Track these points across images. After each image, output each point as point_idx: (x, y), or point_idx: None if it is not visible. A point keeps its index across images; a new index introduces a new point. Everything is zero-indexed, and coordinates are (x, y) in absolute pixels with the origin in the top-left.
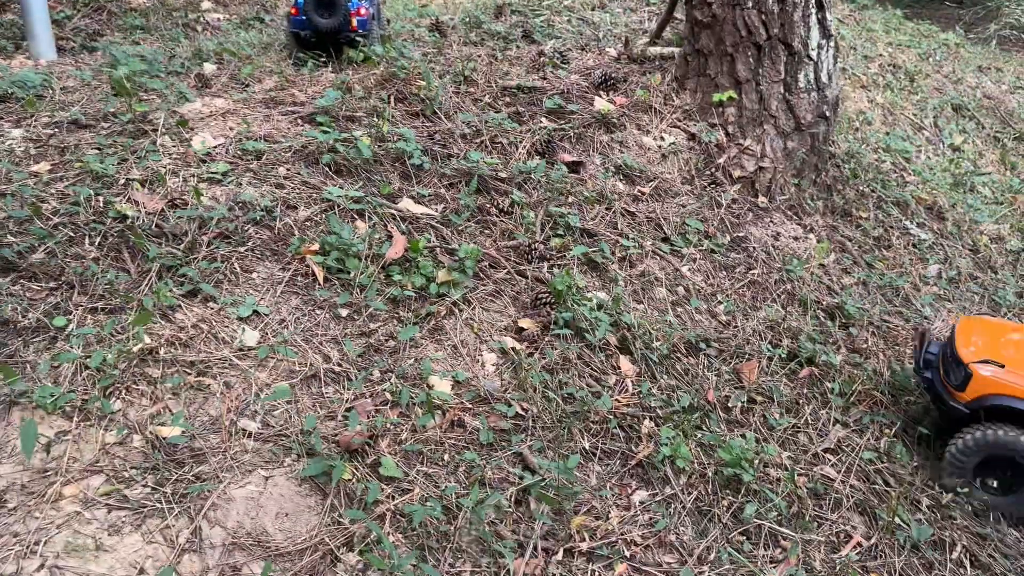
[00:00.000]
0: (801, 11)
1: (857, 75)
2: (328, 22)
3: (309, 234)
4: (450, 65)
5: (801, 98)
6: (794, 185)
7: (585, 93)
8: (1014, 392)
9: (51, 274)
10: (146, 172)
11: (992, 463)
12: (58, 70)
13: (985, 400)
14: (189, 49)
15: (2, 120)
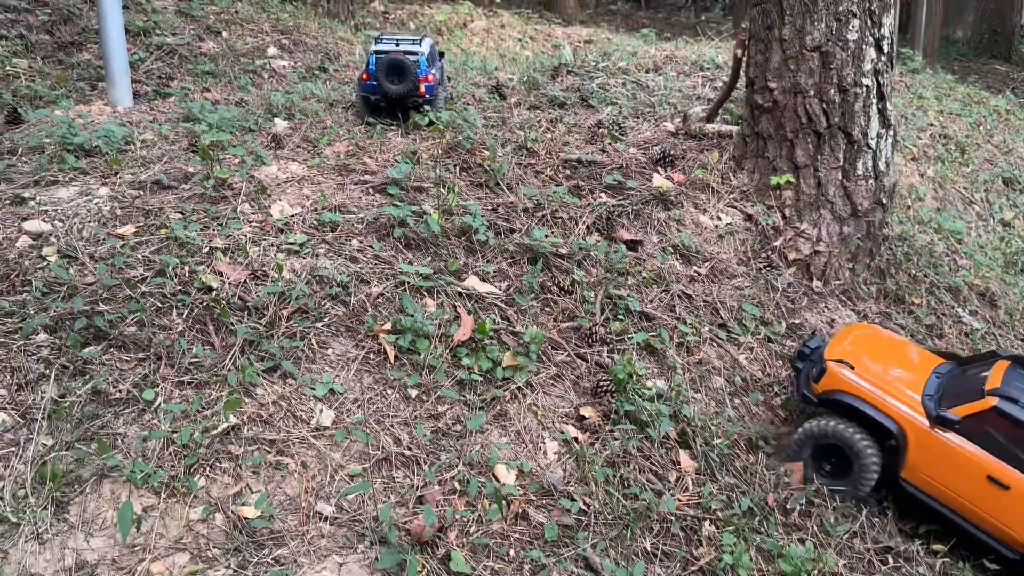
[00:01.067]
0: (862, 101)
1: (908, 147)
2: (398, 88)
3: (382, 311)
4: (511, 132)
5: (859, 185)
6: (848, 269)
7: (643, 168)
8: (853, 390)
9: (140, 345)
10: (228, 240)
11: (828, 451)
12: (136, 119)
13: (831, 394)
14: (259, 99)
15: (89, 176)
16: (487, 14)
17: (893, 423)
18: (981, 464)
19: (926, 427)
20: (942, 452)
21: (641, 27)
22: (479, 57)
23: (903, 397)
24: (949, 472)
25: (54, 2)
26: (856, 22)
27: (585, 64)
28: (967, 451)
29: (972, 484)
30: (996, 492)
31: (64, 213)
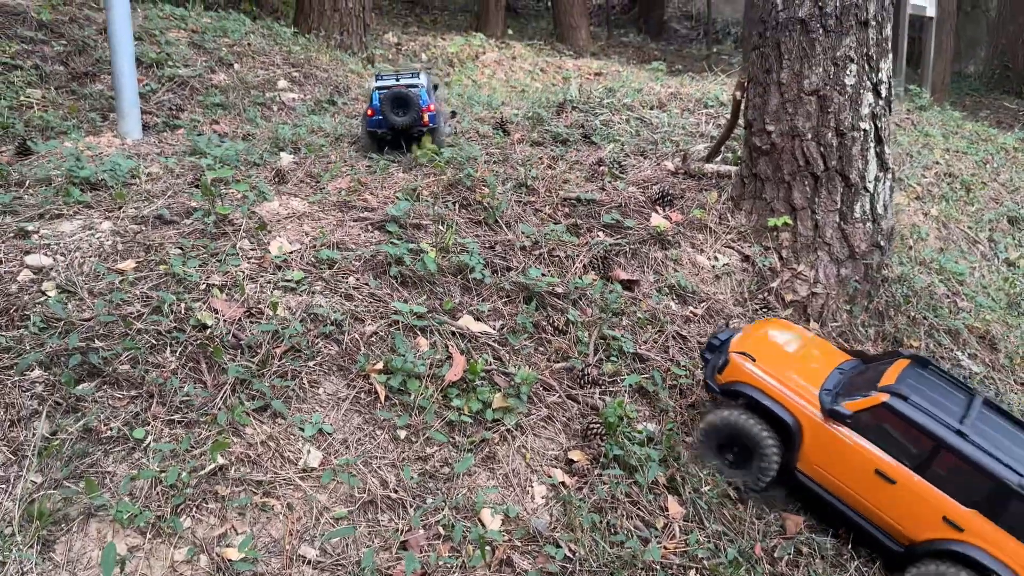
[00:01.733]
0: (860, 145)
1: (912, 185)
2: (403, 119)
3: (374, 350)
4: (513, 169)
5: (856, 228)
6: (846, 312)
7: (642, 208)
8: (753, 382)
9: (133, 382)
10: (226, 277)
11: (731, 441)
12: (144, 151)
13: (733, 385)
14: (266, 132)
15: (93, 210)
16: (499, 46)
17: (789, 415)
18: (870, 458)
19: (820, 420)
20: (834, 445)
21: (653, 59)
22: (488, 89)
23: (801, 390)
24: (840, 465)
25: (70, 33)
26: (854, 67)
27: (590, 100)
28: (858, 445)
29: (861, 477)
30: (883, 486)
31: (66, 247)
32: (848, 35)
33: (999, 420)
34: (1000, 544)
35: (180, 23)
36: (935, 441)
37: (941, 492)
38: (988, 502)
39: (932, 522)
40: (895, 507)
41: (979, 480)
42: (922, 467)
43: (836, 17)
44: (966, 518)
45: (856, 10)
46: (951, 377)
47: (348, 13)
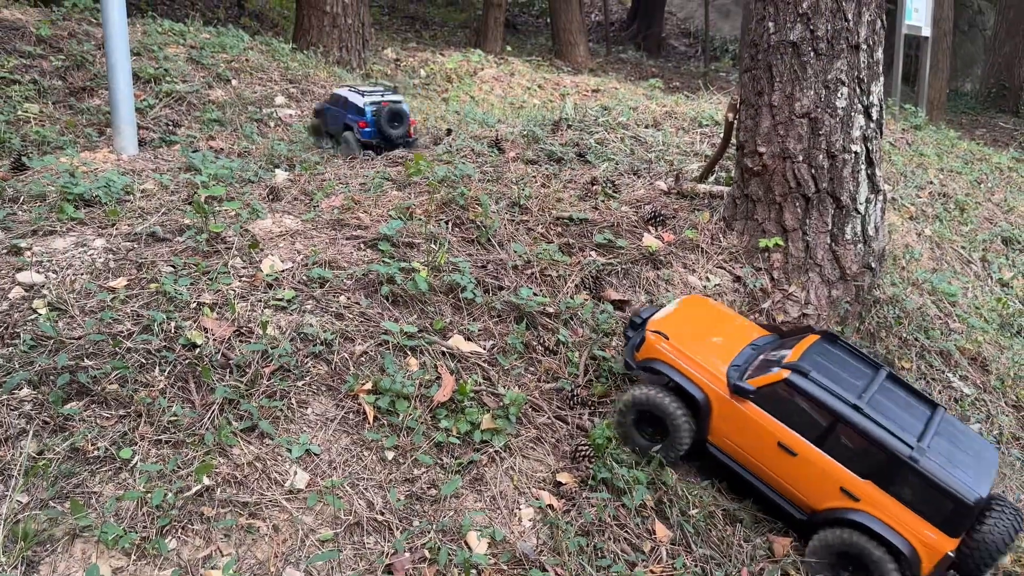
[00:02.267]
0: (851, 167)
1: (906, 205)
2: (397, 132)
3: (364, 370)
4: (506, 187)
5: (847, 249)
6: (837, 332)
7: (634, 228)
8: (666, 359)
9: (121, 401)
10: (217, 296)
11: (648, 416)
12: (139, 167)
13: (649, 362)
14: (262, 148)
15: (86, 227)
16: (498, 62)
17: (699, 391)
18: (773, 431)
19: (727, 396)
20: (740, 419)
21: (651, 76)
22: (486, 105)
23: (711, 367)
24: (746, 438)
25: (68, 48)
26: (845, 90)
27: (586, 118)
28: (761, 419)
29: (766, 450)
30: (786, 458)
31: (58, 264)
32: (839, 58)
33: (900, 393)
34: (892, 512)
35: (179, 38)
36: (833, 415)
37: (839, 464)
38: (881, 473)
39: (831, 492)
40: (797, 478)
41: (873, 452)
42: (821, 440)
43: (827, 41)
44: (862, 488)
45: (847, 34)
46: (858, 352)
47: (347, 29)
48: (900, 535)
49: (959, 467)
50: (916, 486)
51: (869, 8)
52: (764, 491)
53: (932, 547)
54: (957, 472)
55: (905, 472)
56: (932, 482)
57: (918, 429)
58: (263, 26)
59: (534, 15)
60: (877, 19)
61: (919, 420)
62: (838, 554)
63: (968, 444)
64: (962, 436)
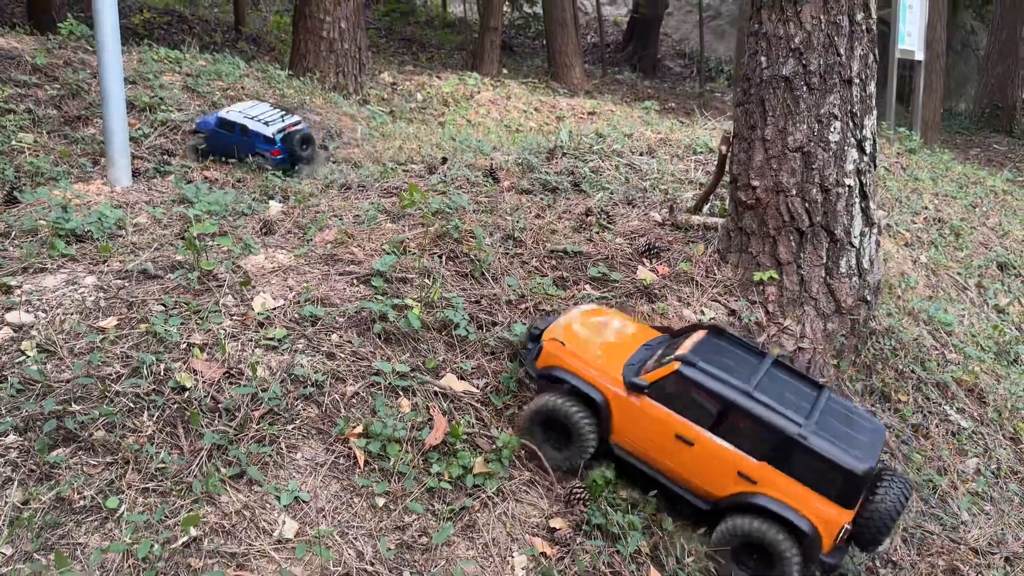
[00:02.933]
0: (845, 201)
1: (901, 232)
2: (307, 153)
3: (355, 412)
4: (501, 219)
5: (842, 283)
6: (833, 367)
7: (629, 260)
8: (564, 365)
9: (109, 448)
10: (207, 336)
11: (552, 424)
12: (132, 200)
13: (548, 370)
14: (257, 179)
15: (77, 263)
16: (494, 84)
17: (597, 392)
18: (670, 423)
19: (624, 394)
20: (638, 416)
21: (646, 97)
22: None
23: (608, 368)
24: (646, 434)
25: (64, 77)
26: (838, 124)
27: (580, 146)
28: (658, 413)
29: (665, 443)
30: (684, 448)
31: (48, 303)
32: (832, 93)
33: (786, 378)
34: (789, 490)
35: (175, 66)
36: (723, 401)
37: (734, 449)
38: (774, 453)
39: (730, 478)
40: (697, 467)
41: (764, 433)
42: (715, 427)
43: (820, 75)
44: (757, 470)
45: (840, 68)
46: (744, 343)
47: (344, 54)
48: (798, 513)
49: (846, 442)
50: (808, 463)
51: (861, 43)
52: (669, 485)
53: (830, 521)
54: (845, 446)
55: (796, 450)
56: (822, 457)
57: (806, 409)
58: (260, 50)
59: (530, 37)
60: (869, 53)
61: (806, 401)
62: (741, 543)
63: (855, 421)
64: (849, 414)
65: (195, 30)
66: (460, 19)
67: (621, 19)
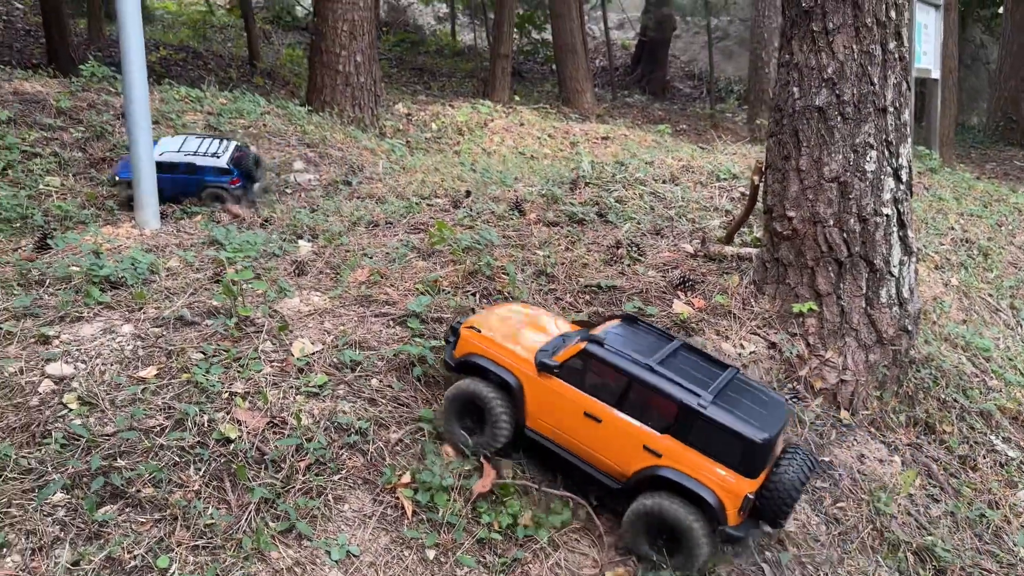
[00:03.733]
0: (883, 230)
1: (930, 254)
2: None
3: (400, 459)
4: (531, 253)
5: (883, 313)
6: (876, 398)
7: (663, 293)
8: (479, 351)
9: (156, 504)
10: (248, 384)
11: (469, 408)
12: (162, 243)
13: (465, 357)
14: (284, 217)
15: (113, 311)
16: (507, 111)
17: (511, 375)
18: (579, 402)
19: (536, 377)
20: (550, 396)
21: (658, 120)
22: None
23: (521, 352)
24: (557, 414)
25: (87, 119)
26: (873, 153)
27: (602, 175)
28: (567, 392)
29: (575, 422)
30: (593, 426)
31: (87, 353)
32: (867, 122)
33: (693, 358)
34: (692, 462)
35: (196, 105)
36: (627, 376)
37: (638, 423)
38: (677, 425)
39: (636, 452)
40: (606, 444)
41: (667, 406)
42: (621, 403)
43: (854, 105)
44: (661, 443)
45: (874, 97)
46: (657, 329)
47: (360, 87)
48: (701, 483)
49: (747, 414)
50: (708, 433)
51: (895, 71)
52: (581, 465)
53: (732, 491)
54: (745, 417)
55: (697, 421)
56: (721, 426)
57: (709, 384)
58: (275, 84)
59: (539, 62)
60: (903, 81)
61: (711, 378)
62: (650, 523)
63: (758, 397)
64: (753, 391)
65: (210, 66)
66: (469, 47)
67: (629, 42)
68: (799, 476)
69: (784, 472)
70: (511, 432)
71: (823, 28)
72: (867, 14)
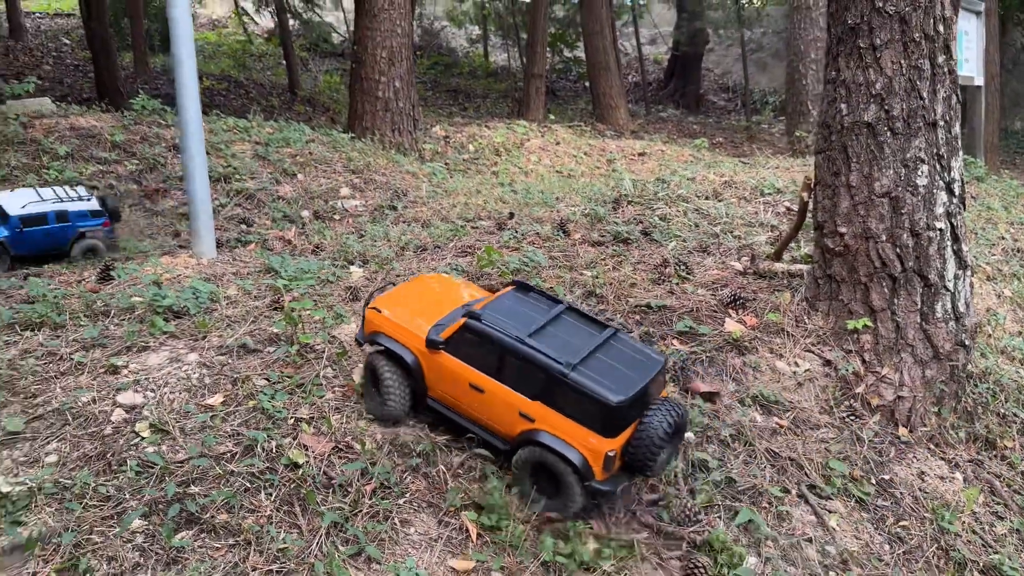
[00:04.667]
0: (937, 244)
1: (982, 265)
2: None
3: (462, 482)
4: (579, 274)
5: (939, 328)
6: (934, 414)
7: (714, 312)
8: (382, 330)
9: (230, 529)
10: (312, 410)
11: (374, 381)
12: (219, 271)
13: (371, 335)
14: (334, 243)
15: (178, 340)
16: (542, 131)
17: (409, 353)
18: (464, 374)
19: (427, 352)
20: (442, 370)
21: (693, 134)
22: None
23: (417, 330)
24: (449, 385)
25: (141, 152)
26: (925, 167)
27: (644, 193)
28: (454, 365)
29: (464, 392)
30: (478, 395)
31: (155, 382)
32: (917, 136)
33: (575, 322)
34: (560, 425)
35: (244, 135)
36: (501, 348)
37: (514, 391)
38: (545, 392)
39: (515, 418)
40: (490, 412)
41: (535, 374)
42: (498, 373)
43: (904, 120)
44: (534, 409)
45: (923, 112)
46: (547, 295)
47: (399, 112)
48: (569, 445)
49: (610, 377)
50: (571, 397)
51: (944, 85)
52: (474, 430)
53: (595, 450)
54: (606, 381)
55: (561, 387)
56: (582, 391)
57: (583, 350)
58: (316, 111)
59: (572, 80)
60: (952, 95)
61: (588, 343)
62: (533, 467)
63: (630, 357)
64: (626, 351)
65: (252, 94)
66: (503, 67)
67: (661, 57)
68: (662, 427)
69: (647, 426)
70: (403, 402)
71: (870, 44)
72: (915, 29)
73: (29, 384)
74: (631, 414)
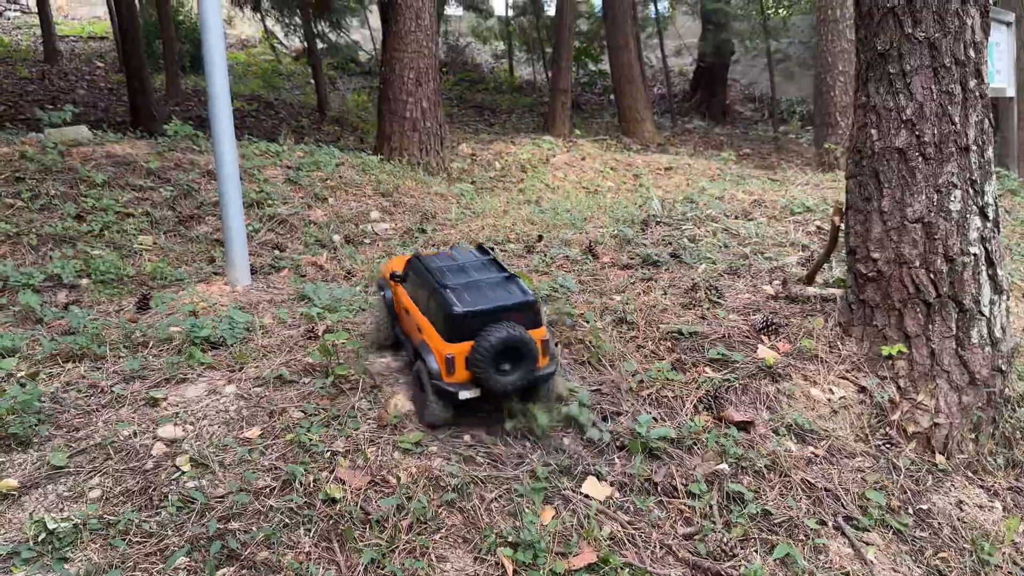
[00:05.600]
0: (971, 270)
1: (1016, 283)
2: None
3: (496, 517)
4: (609, 300)
5: (975, 354)
6: (972, 441)
7: (746, 338)
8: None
9: (271, 567)
10: (348, 442)
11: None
12: (254, 299)
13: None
14: (365, 269)
15: (215, 371)
16: (567, 146)
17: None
18: (404, 301)
19: (394, 284)
20: (400, 301)
21: (719, 145)
22: (562, 192)
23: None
24: (401, 312)
25: (175, 178)
26: (958, 192)
27: (673, 213)
28: (403, 295)
29: (403, 315)
30: (408, 317)
31: (194, 415)
32: (949, 162)
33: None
34: (429, 332)
35: (275, 159)
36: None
37: (420, 312)
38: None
39: (415, 332)
40: (412, 329)
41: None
42: (416, 299)
43: (935, 145)
44: (422, 321)
45: (955, 136)
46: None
47: (427, 132)
48: (429, 349)
49: (470, 297)
50: (433, 307)
51: (976, 109)
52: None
53: (440, 351)
54: (463, 299)
55: (434, 297)
56: (439, 301)
57: (470, 280)
58: (345, 131)
59: (597, 93)
60: (984, 119)
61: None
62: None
63: (503, 292)
64: (502, 287)
65: (281, 115)
66: (528, 82)
67: (687, 68)
68: (490, 340)
69: (481, 337)
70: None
71: (900, 70)
72: (945, 54)
73: (72, 418)
74: (472, 326)
